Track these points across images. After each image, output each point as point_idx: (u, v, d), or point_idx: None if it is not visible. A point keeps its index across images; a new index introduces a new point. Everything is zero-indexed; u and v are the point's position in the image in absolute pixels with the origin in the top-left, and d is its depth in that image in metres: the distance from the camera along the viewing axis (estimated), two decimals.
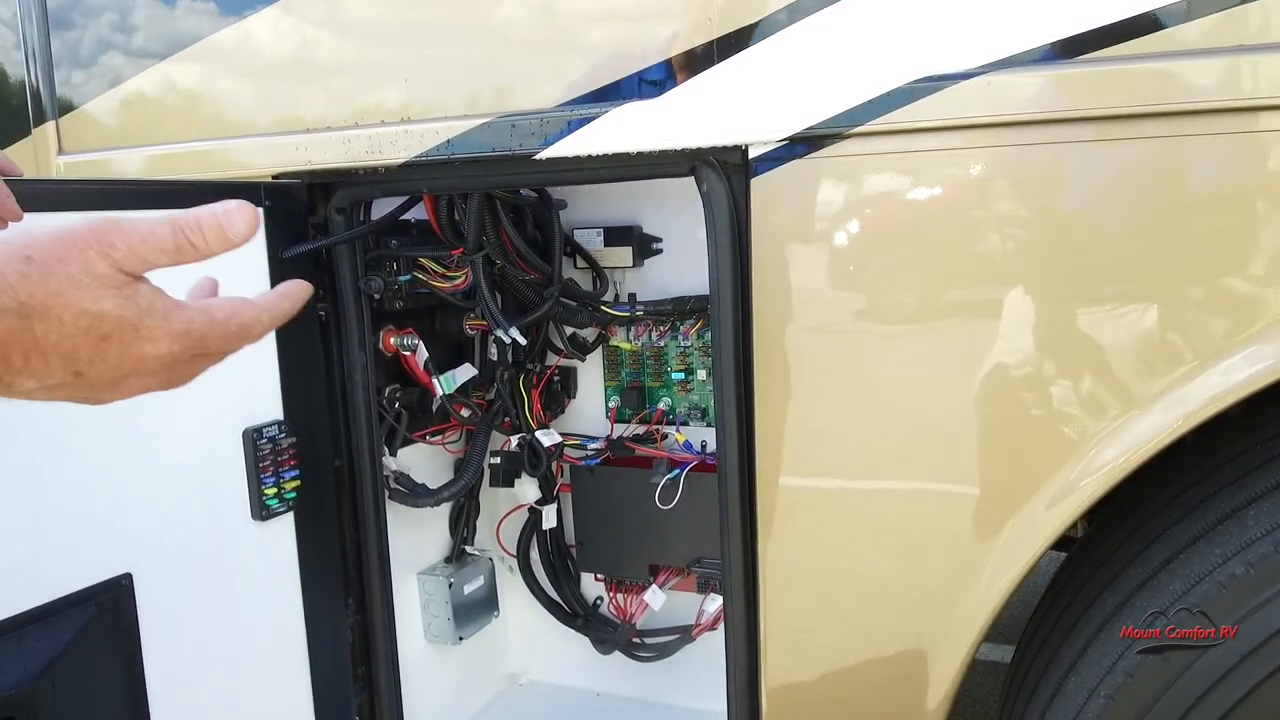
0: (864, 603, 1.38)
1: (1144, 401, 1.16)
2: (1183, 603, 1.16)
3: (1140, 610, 1.22)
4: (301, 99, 1.57)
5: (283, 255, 1.54)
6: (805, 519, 1.37)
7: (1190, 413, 1.13)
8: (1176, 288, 1.14)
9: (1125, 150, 1.12)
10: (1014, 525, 1.26)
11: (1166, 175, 1.12)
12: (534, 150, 1.38)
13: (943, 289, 1.24)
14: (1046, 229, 1.18)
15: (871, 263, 1.27)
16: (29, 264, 0.57)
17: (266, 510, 1.51)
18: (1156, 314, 1.14)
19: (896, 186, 1.23)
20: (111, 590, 1.29)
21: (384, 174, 1.53)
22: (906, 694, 1.38)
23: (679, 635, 1.97)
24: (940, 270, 1.24)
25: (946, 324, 1.25)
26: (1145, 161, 1.13)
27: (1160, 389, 1.15)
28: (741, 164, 1.30)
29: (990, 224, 1.20)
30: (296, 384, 1.58)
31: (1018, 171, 1.18)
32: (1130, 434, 1.17)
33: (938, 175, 1.20)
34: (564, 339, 1.94)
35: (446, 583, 1.93)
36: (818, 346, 1.31)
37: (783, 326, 1.32)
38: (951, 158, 1.19)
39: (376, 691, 1.79)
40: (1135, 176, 1.14)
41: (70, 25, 1.78)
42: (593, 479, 1.98)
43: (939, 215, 1.22)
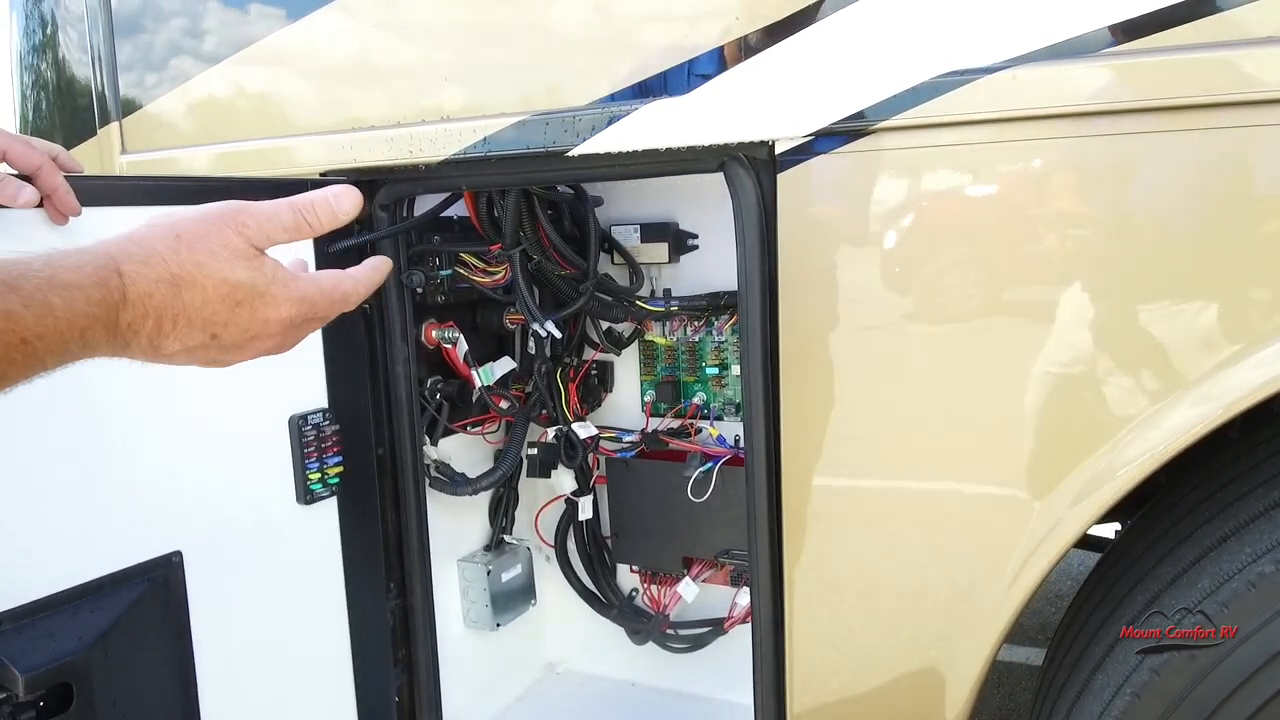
0: (888, 598, 1.38)
1: (1172, 395, 1.15)
2: (1212, 600, 1.15)
3: (1170, 608, 1.21)
4: (348, 100, 1.63)
5: (330, 250, 1.60)
6: (831, 515, 1.38)
7: (1214, 411, 1.11)
8: (1214, 277, 1.12)
9: (1164, 142, 1.11)
10: (1039, 522, 1.25)
11: (1203, 164, 1.11)
12: (567, 147, 1.41)
13: (972, 284, 1.24)
14: (1077, 221, 1.18)
15: (899, 258, 1.28)
16: (178, 240, 0.67)
17: (310, 494, 1.57)
18: (1190, 307, 1.13)
19: (924, 181, 1.23)
20: (163, 567, 1.35)
21: (425, 171, 1.58)
22: (931, 690, 1.39)
23: (711, 628, 1.99)
24: (970, 265, 1.24)
25: (976, 320, 1.25)
26: (1183, 153, 1.11)
27: (1192, 381, 1.14)
28: (769, 159, 1.31)
29: (1020, 217, 1.20)
30: (341, 374, 1.63)
31: (1049, 165, 1.17)
32: (1157, 430, 1.16)
33: (965, 170, 1.21)
34: (600, 334, 1.98)
35: (485, 570, 1.98)
36: (845, 343, 1.32)
37: (809, 322, 1.33)
38: (979, 152, 1.19)
39: (416, 674, 1.84)
40: (1170, 167, 1.13)
41: (134, 28, 1.87)
42: (628, 471, 2.01)
43: (968, 210, 1.23)
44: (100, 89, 1.93)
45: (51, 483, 1.22)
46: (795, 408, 1.36)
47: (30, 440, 1.20)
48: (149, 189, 1.40)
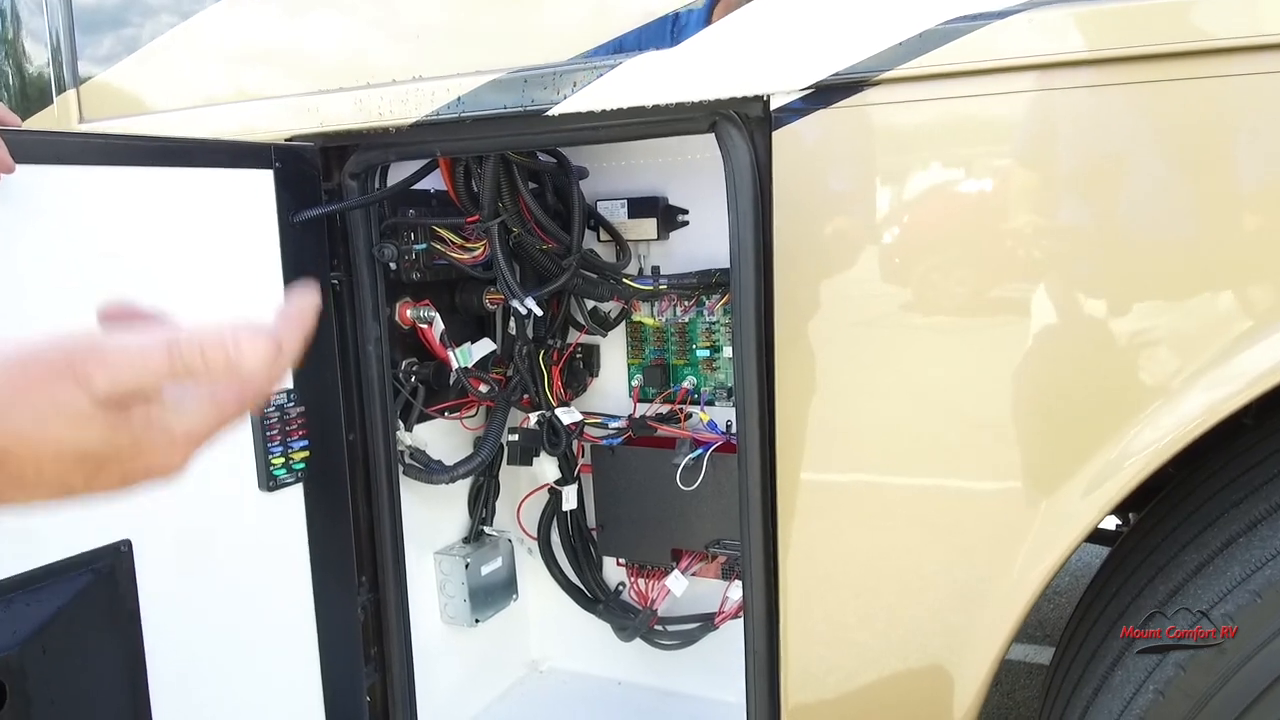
0: (890, 594, 1.29)
1: (1186, 381, 1.06)
2: (1244, 589, 1.06)
3: (1196, 597, 1.12)
4: (314, 60, 1.53)
5: (294, 219, 1.50)
6: (829, 504, 1.29)
7: (1234, 393, 1.03)
8: (1225, 248, 1.04)
9: (1182, 93, 1.02)
10: (1048, 514, 1.17)
11: (1223, 120, 1.02)
12: (546, 106, 1.32)
13: (980, 252, 1.15)
14: (1091, 182, 1.09)
15: (903, 222, 1.19)
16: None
17: (274, 480, 1.47)
18: (1204, 282, 1.05)
19: (930, 137, 1.14)
20: (109, 556, 1.25)
21: (397, 135, 1.48)
22: (935, 691, 1.29)
23: (701, 623, 1.90)
24: (977, 231, 1.15)
25: (990, 291, 1.16)
26: (1203, 105, 1.03)
27: (1205, 365, 1.05)
28: (763, 116, 1.22)
29: (1032, 176, 1.11)
30: (307, 353, 1.53)
31: (1065, 118, 1.08)
32: (1171, 416, 1.07)
33: (974, 124, 1.12)
34: (585, 314, 1.88)
35: (463, 563, 1.88)
36: (845, 318, 1.23)
37: (807, 294, 1.24)
38: (990, 104, 1.10)
39: (389, 673, 1.75)
40: (1190, 122, 1.04)
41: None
42: (614, 459, 1.91)
43: (979, 168, 1.14)
44: (56, 55, 1.83)
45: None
46: (791, 389, 1.27)
47: None
48: (101, 147, 1.29)
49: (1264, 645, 1.05)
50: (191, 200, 1.37)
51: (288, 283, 1.50)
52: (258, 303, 1.47)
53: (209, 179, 1.40)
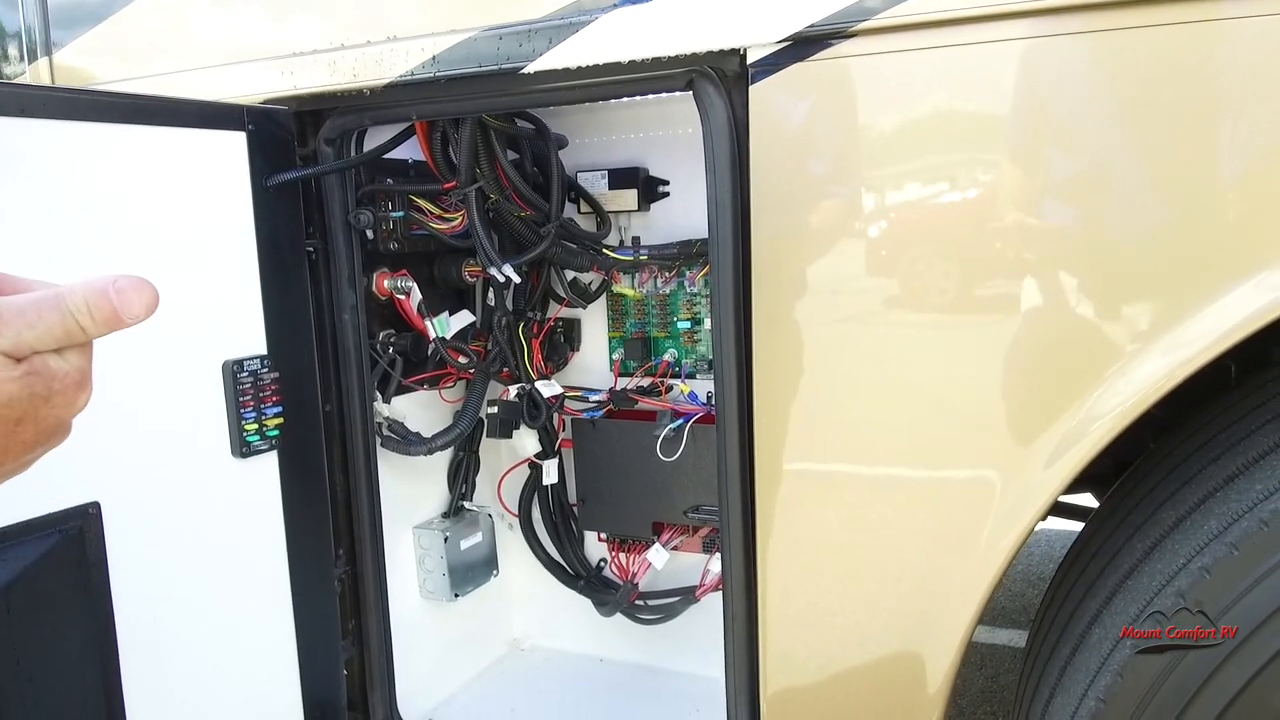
0: (863, 558, 1.28)
1: (1141, 348, 1.06)
2: (1221, 541, 1.05)
3: (1174, 553, 1.11)
4: (287, 23, 1.51)
5: (267, 183, 1.48)
6: (804, 464, 1.28)
7: (1189, 357, 1.03)
8: (1189, 207, 1.03)
9: (1166, 38, 1.01)
10: (1011, 484, 1.16)
11: (1194, 67, 1.02)
12: (522, 63, 1.30)
13: (959, 206, 1.14)
14: (1069, 133, 1.08)
15: (882, 178, 1.18)
16: None
17: (247, 447, 1.45)
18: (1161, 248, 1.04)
19: (907, 89, 1.13)
20: (77, 518, 1.23)
21: (371, 97, 1.46)
22: (909, 663, 1.29)
23: (682, 597, 1.88)
24: (955, 185, 1.14)
25: (962, 252, 1.15)
26: (1187, 51, 1.02)
27: (1160, 331, 1.06)
28: (740, 72, 1.21)
29: (1009, 131, 1.10)
30: (281, 319, 1.51)
31: (1039, 68, 1.07)
32: (1128, 382, 1.07)
33: (951, 75, 1.11)
34: (565, 285, 1.87)
35: (442, 537, 1.86)
36: (819, 271, 1.22)
37: (784, 251, 1.22)
38: (967, 54, 1.09)
39: (367, 647, 1.73)
40: (1173, 69, 1.03)
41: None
42: (595, 432, 1.90)
43: (952, 121, 1.13)
44: (29, 22, 1.80)
45: None
46: (768, 344, 1.26)
47: None
48: (67, 101, 1.27)
49: (1240, 598, 1.04)
50: (162, 160, 1.35)
51: (261, 247, 1.48)
52: (232, 264, 1.45)
53: (180, 139, 1.38)
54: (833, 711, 1.36)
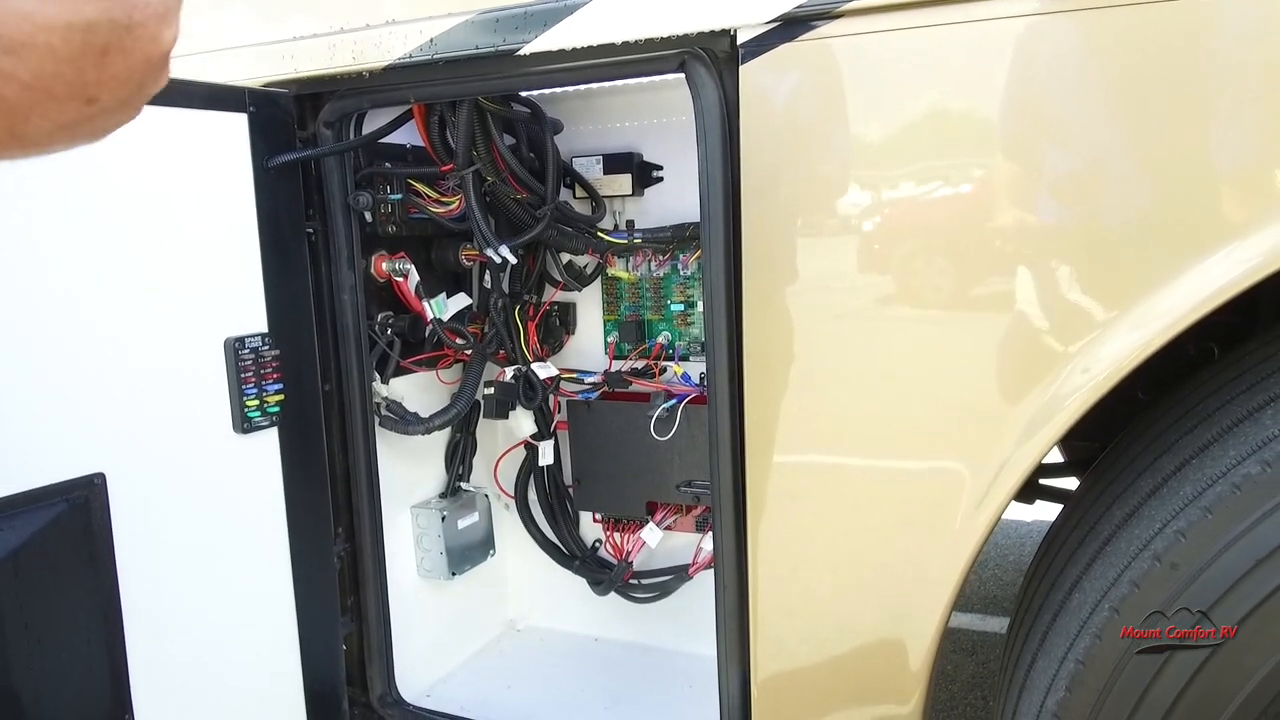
0: (847, 532, 1.31)
1: (1116, 319, 1.09)
2: (1196, 505, 1.09)
3: (1150, 518, 1.15)
4: (288, 6, 1.54)
5: (268, 164, 1.51)
6: (792, 441, 1.31)
7: (1158, 331, 1.06)
8: (1156, 185, 1.07)
9: (1151, 18, 1.05)
10: (984, 464, 1.19)
11: (1173, 50, 1.05)
12: (518, 45, 1.33)
13: (941, 184, 1.18)
14: (1043, 112, 1.11)
15: (867, 155, 1.21)
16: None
17: (249, 423, 1.48)
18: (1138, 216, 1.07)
19: (894, 69, 1.16)
20: (83, 488, 1.26)
21: (370, 80, 1.49)
22: (892, 640, 1.32)
23: (675, 574, 1.92)
24: (938, 163, 1.17)
25: (943, 224, 1.18)
26: (1166, 32, 1.05)
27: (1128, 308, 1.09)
28: (730, 52, 1.24)
29: (997, 109, 1.13)
30: (282, 297, 1.54)
31: (1026, 46, 1.10)
32: (1097, 360, 1.11)
33: (939, 54, 1.14)
34: (560, 268, 1.90)
35: (440, 516, 1.89)
36: (811, 253, 1.25)
37: (774, 228, 1.26)
38: (955, 33, 1.12)
39: (365, 623, 1.76)
40: (1153, 50, 1.06)
41: None
42: (590, 413, 1.93)
43: (940, 100, 1.16)
44: None
45: None
46: (758, 316, 1.29)
47: None
48: None
49: (1214, 559, 1.07)
50: (166, 140, 1.38)
51: (262, 227, 1.51)
52: (233, 243, 1.48)
53: (183, 120, 1.40)
54: (821, 683, 1.39)
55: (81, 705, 1.26)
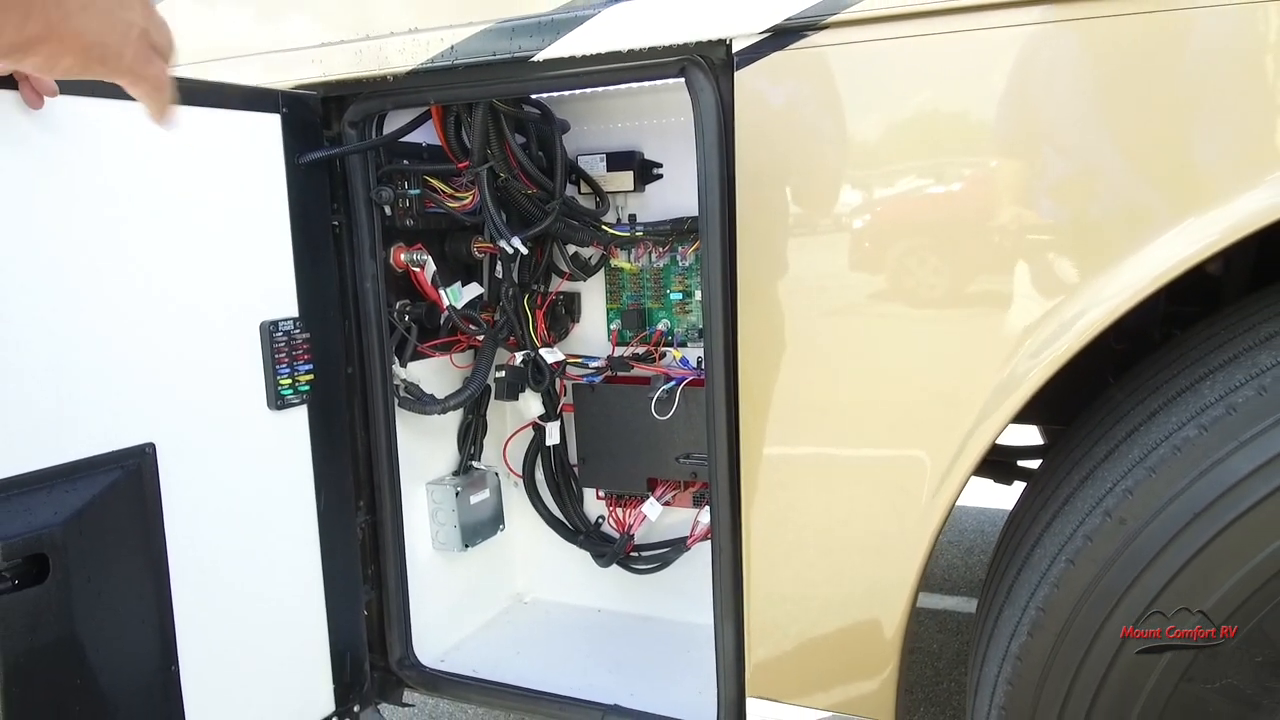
0: (830, 503, 1.43)
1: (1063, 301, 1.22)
2: (1142, 466, 1.22)
3: (1102, 478, 1.28)
4: (319, 15, 1.66)
5: (299, 161, 1.64)
6: (783, 420, 1.43)
7: (1111, 309, 1.19)
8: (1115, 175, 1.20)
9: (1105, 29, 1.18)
10: (946, 441, 1.32)
11: (1120, 58, 1.18)
12: (532, 52, 1.46)
13: (921, 182, 1.30)
14: (1013, 117, 1.24)
15: (853, 156, 1.33)
16: None
17: (281, 400, 1.60)
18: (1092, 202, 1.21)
19: (876, 76, 1.29)
20: (136, 456, 1.38)
21: (393, 84, 1.61)
22: (868, 607, 1.44)
23: (674, 546, 2.04)
24: (919, 162, 1.30)
25: (922, 218, 1.31)
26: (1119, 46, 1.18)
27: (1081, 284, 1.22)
28: (726, 60, 1.37)
29: (971, 113, 1.26)
30: (311, 285, 1.67)
31: (994, 57, 1.23)
32: (1056, 339, 1.23)
33: (916, 64, 1.26)
34: (567, 259, 2.02)
35: (454, 491, 2.02)
36: (799, 245, 1.38)
37: (767, 220, 1.38)
38: (928, 44, 1.25)
39: (385, 590, 1.88)
40: (1103, 60, 1.19)
41: None
42: (594, 395, 2.06)
43: (919, 105, 1.28)
44: None
45: (25, 366, 1.25)
46: (751, 311, 1.41)
47: (3, 324, 1.22)
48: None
49: (1157, 514, 1.20)
50: (206, 138, 1.50)
51: (294, 219, 1.63)
52: (268, 234, 1.60)
53: (222, 120, 1.53)
54: (809, 645, 1.51)
55: (135, 656, 1.39)
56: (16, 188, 1.23)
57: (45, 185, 1.27)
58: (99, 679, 1.32)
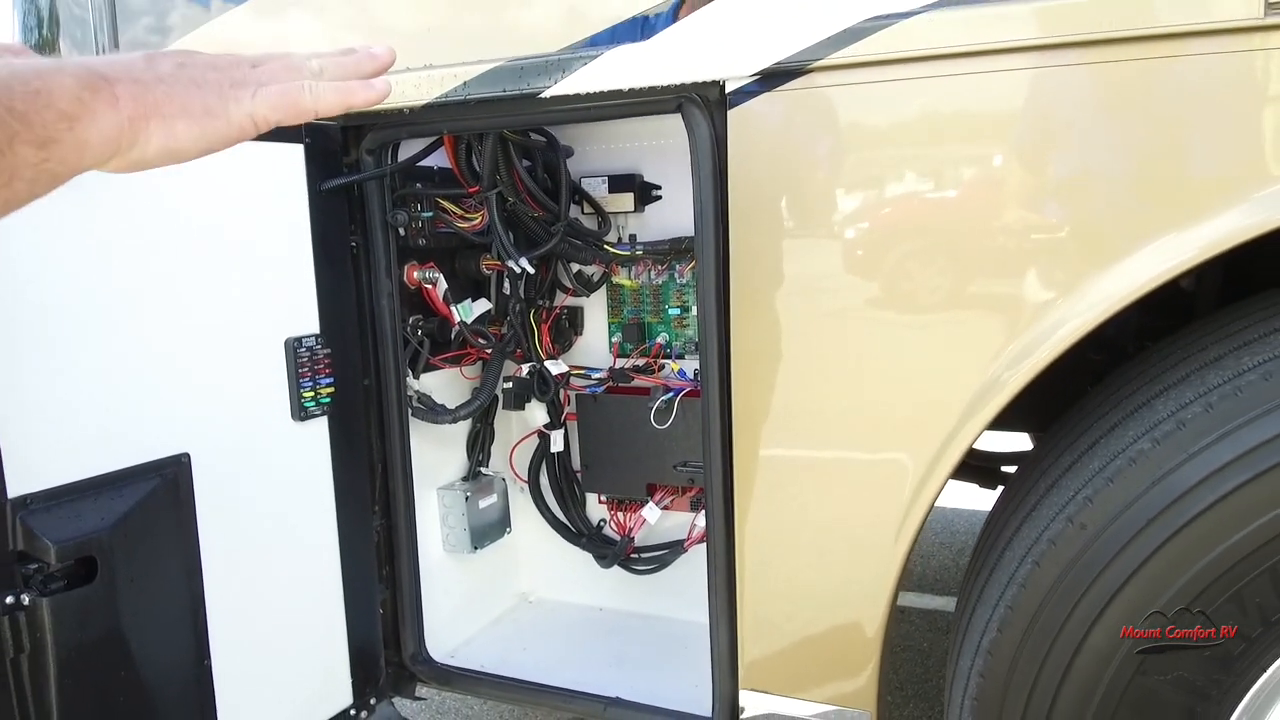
0: (816, 507, 1.54)
1: (1049, 306, 1.33)
2: (1101, 476, 1.33)
3: (1066, 486, 1.39)
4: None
5: (321, 188, 1.75)
6: (773, 429, 1.54)
7: (1082, 324, 1.30)
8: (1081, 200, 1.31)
9: (1036, 78, 1.29)
10: (925, 447, 1.43)
11: (1077, 97, 1.29)
12: (540, 89, 1.57)
13: (894, 207, 1.42)
14: (974, 150, 1.35)
15: (835, 186, 1.44)
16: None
17: (305, 411, 1.71)
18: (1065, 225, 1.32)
19: (856, 115, 1.40)
20: (173, 465, 1.49)
21: (409, 115, 1.72)
22: (852, 604, 1.55)
23: (672, 548, 2.15)
24: (891, 190, 1.41)
25: (901, 243, 1.42)
26: (1064, 87, 1.29)
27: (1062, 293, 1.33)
28: (720, 98, 1.48)
29: (937, 146, 1.37)
30: (331, 303, 1.78)
31: (963, 99, 1.34)
32: (1030, 345, 1.34)
33: (885, 104, 1.38)
34: (571, 277, 2.14)
35: (463, 496, 2.13)
36: (788, 265, 1.49)
37: (757, 243, 1.49)
38: (900, 88, 1.36)
39: (399, 589, 1.99)
40: (1047, 99, 1.31)
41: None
42: (596, 405, 2.17)
43: (892, 142, 1.40)
44: (103, 45, 2.06)
45: (76, 385, 1.36)
46: (746, 325, 1.52)
47: (52, 348, 1.33)
48: None
49: (1114, 519, 1.31)
50: (234, 167, 1.61)
51: (316, 242, 1.74)
52: (292, 256, 1.71)
53: (249, 149, 1.63)
54: (798, 639, 1.62)
55: (172, 650, 1.50)
56: (66, 224, 1.35)
57: (92, 219, 1.38)
58: (140, 672, 1.43)
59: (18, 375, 1.27)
